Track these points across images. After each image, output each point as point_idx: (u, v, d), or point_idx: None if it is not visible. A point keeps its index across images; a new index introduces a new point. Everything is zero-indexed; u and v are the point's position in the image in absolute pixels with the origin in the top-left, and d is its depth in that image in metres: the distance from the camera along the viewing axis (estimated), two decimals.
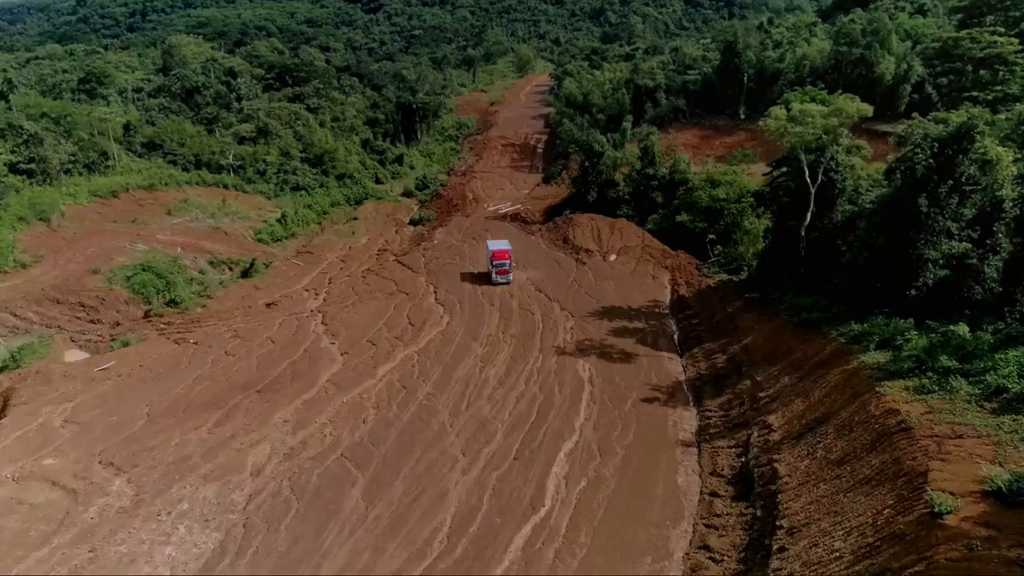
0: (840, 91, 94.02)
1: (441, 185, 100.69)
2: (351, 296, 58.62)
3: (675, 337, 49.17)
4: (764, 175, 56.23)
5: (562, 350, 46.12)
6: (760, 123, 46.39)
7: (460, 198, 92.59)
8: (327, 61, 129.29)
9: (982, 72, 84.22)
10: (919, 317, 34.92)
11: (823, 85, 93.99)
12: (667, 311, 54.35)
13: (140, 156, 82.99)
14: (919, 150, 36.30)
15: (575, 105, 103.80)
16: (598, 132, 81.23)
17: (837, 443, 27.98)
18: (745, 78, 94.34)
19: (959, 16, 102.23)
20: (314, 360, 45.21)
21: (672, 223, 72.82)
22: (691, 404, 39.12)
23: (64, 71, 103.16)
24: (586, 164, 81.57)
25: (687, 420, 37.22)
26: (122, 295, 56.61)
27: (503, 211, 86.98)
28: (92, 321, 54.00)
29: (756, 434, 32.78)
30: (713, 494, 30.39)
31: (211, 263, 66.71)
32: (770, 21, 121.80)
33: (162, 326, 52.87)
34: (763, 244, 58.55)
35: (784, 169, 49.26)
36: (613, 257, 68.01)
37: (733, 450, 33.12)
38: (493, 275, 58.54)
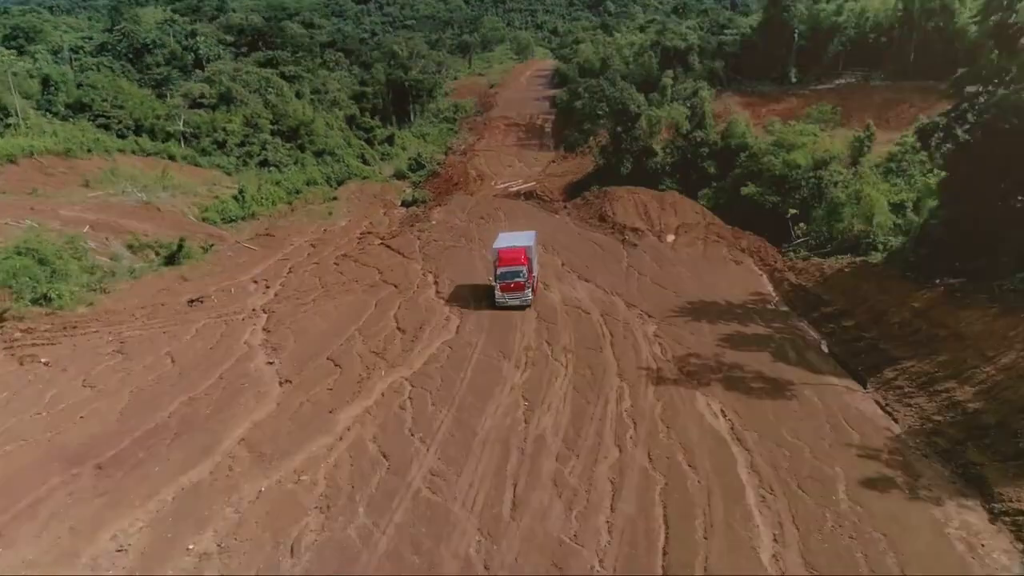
0: (913, 51, 74.53)
1: (438, 164, 79.17)
2: (315, 289, 37.07)
3: (824, 347, 28.02)
4: (950, 94, 35.09)
5: (659, 375, 24.78)
6: None
7: (462, 176, 71.06)
8: (310, 37, 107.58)
9: None
10: None
11: (887, 41, 74.08)
12: (784, 307, 33.26)
13: (65, 119, 60.76)
14: None
15: (592, 73, 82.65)
16: (633, 88, 59.95)
17: None
18: (796, 35, 73.47)
19: None
20: (230, 395, 23.62)
21: (732, 197, 52.20)
22: (961, 489, 17.82)
23: None
24: (618, 129, 60.50)
25: (979, 531, 15.88)
26: None
27: (514, 189, 65.75)
28: None
29: None
30: None
31: (130, 247, 44.69)
32: None
33: (17, 334, 30.91)
34: (925, 210, 37.93)
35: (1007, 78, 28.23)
36: (671, 237, 46.86)
37: None
38: (498, 293, 31.82)
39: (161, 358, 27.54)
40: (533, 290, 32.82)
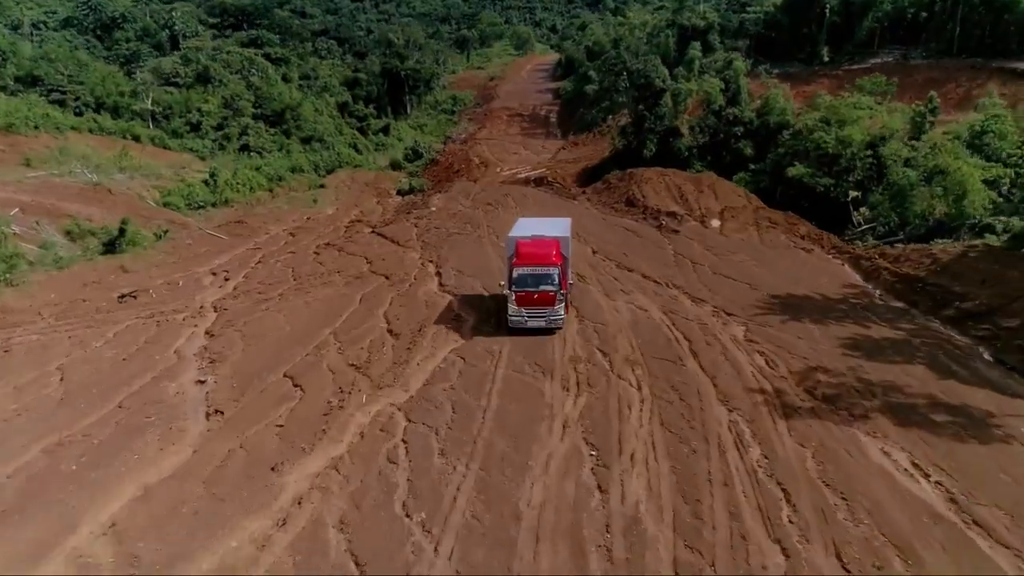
0: (957, 26, 65.92)
1: (437, 153, 70.25)
2: (285, 282, 27.93)
3: (987, 356, 19.10)
4: None
5: (782, 401, 15.74)
6: None
7: (464, 163, 62.23)
8: (300, 24, 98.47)
9: None
10: None
11: (927, 16, 65.64)
12: (899, 303, 24.34)
13: (14, 93, 51.47)
14: None
15: (602, 56, 73.85)
16: (658, 59, 51.13)
17: None
18: (827, 12, 64.92)
19: None
20: (122, 437, 14.43)
21: (773, 180, 43.88)
22: None
23: None
24: (640, 107, 51.79)
25: None
26: None
27: (523, 175, 56.95)
28: None
29: None
30: None
31: (68, 232, 35.17)
32: None
33: None
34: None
35: None
36: (716, 223, 38.14)
37: None
38: (512, 307, 20.20)
39: (47, 375, 18.38)
40: (566, 305, 21.04)
